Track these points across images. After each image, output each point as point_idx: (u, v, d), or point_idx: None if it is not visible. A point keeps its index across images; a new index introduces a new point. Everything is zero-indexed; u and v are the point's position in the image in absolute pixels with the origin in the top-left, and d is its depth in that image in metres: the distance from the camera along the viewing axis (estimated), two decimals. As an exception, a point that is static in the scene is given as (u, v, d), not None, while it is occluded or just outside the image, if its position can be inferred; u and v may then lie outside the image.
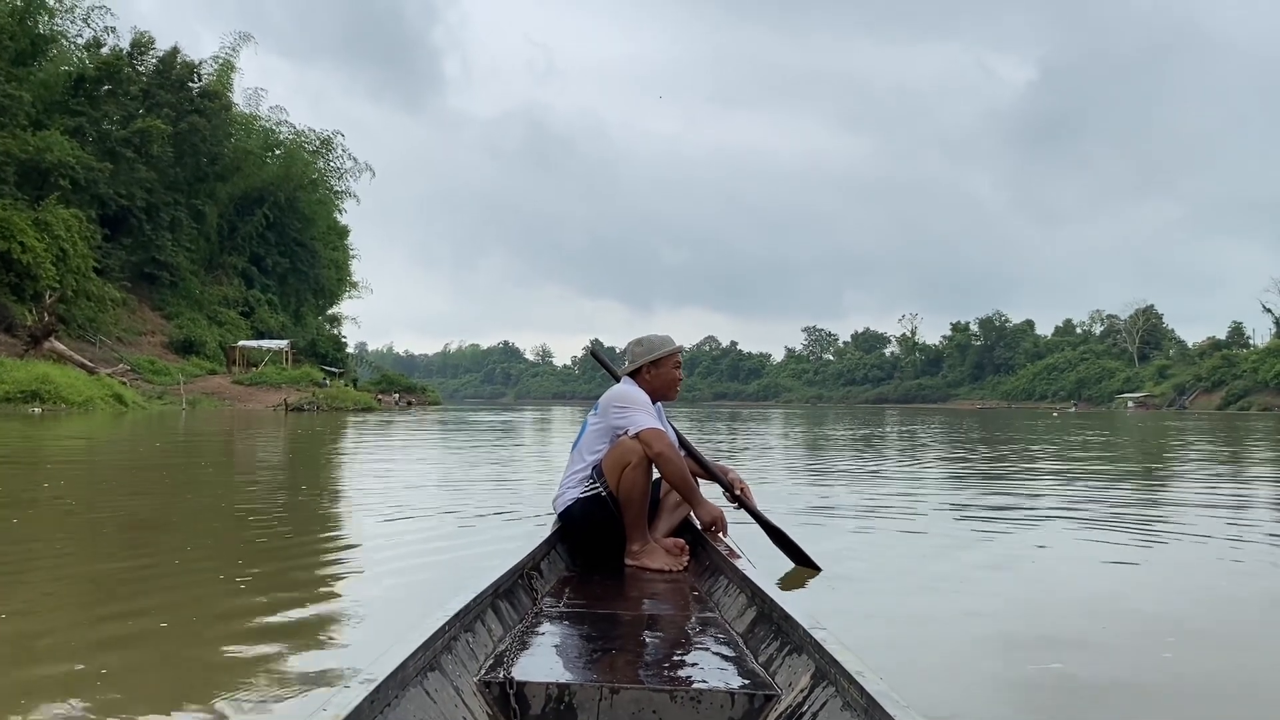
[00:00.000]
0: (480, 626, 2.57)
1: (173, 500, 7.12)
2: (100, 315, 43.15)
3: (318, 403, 37.56)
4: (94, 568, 4.36)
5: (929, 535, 5.58)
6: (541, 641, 2.69)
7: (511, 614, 2.87)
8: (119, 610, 3.45)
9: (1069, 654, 3.02)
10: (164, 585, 3.90)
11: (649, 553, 3.84)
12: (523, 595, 3.09)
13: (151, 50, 52.50)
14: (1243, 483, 9.67)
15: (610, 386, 4.25)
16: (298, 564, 4.40)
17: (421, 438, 17.97)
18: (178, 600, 3.63)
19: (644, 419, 3.92)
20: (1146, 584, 4.27)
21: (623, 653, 2.66)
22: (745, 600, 2.98)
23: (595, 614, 3.13)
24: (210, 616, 3.41)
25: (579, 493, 3.95)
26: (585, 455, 4.04)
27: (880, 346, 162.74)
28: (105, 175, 44.31)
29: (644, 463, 3.84)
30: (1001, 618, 3.55)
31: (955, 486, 8.70)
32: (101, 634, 3.10)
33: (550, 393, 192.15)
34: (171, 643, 3.03)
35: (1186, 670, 2.94)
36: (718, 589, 3.34)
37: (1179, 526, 5.89)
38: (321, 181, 62.40)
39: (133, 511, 6.41)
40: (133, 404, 31.79)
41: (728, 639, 2.73)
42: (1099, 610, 3.70)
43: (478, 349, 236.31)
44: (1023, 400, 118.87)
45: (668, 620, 3.10)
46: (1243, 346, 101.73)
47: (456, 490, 7.86)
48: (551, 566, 3.66)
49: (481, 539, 5.12)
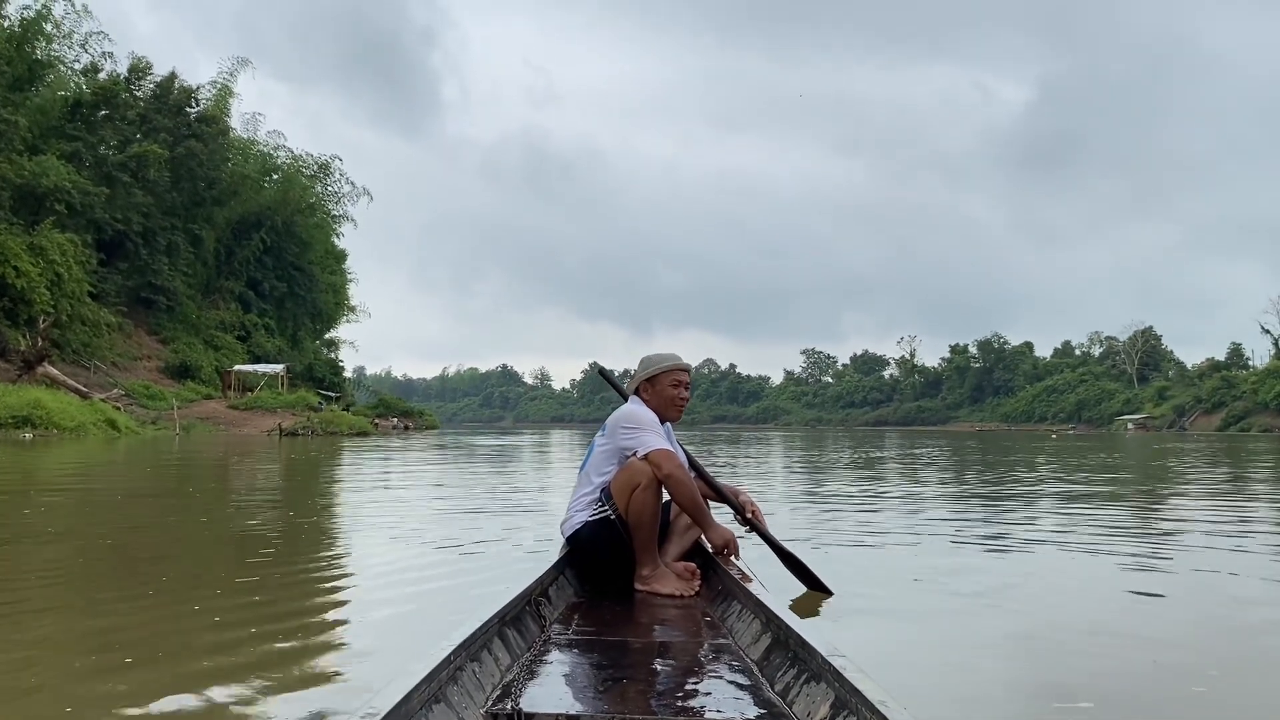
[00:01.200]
0: (487, 656, 2.50)
1: (160, 527, 6.90)
2: (95, 340, 42.91)
3: (312, 427, 37.29)
4: (74, 598, 4.17)
5: (940, 557, 5.45)
6: (550, 670, 2.63)
7: (519, 642, 2.80)
8: (100, 643, 3.27)
9: (1097, 686, 2.87)
10: (149, 618, 3.71)
11: (659, 577, 3.75)
12: (530, 623, 3.02)
13: (149, 75, 52.55)
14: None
15: (618, 407, 4.16)
16: (288, 595, 4.23)
17: (414, 463, 17.71)
18: (164, 632, 3.47)
19: (653, 440, 3.82)
20: (1165, 614, 4.04)
21: (634, 682, 2.59)
22: (760, 626, 2.90)
23: (605, 641, 3.05)
24: (199, 650, 3.26)
25: (587, 516, 3.84)
26: (593, 477, 3.95)
27: (879, 369, 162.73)
28: (102, 200, 44.16)
29: (654, 484, 3.73)
30: (1024, 645, 3.43)
31: (964, 509, 8.50)
32: (81, 669, 2.94)
33: (549, 416, 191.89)
34: (160, 677, 2.87)
35: (1221, 707, 2.75)
36: (731, 614, 3.26)
37: (1194, 553, 5.67)
38: (319, 206, 62.32)
39: (117, 539, 6.20)
40: (126, 429, 31.52)
41: (742, 667, 2.66)
42: (1124, 639, 3.53)
43: (476, 372, 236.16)
44: (1022, 422, 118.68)
45: (680, 647, 3.02)
46: (1242, 368, 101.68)
47: (453, 517, 7.62)
48: (560, 592, 3.60)
49: (479, 566, 4.97)
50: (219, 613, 3.78)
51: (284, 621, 3.63)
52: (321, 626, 3.64)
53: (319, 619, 3.79)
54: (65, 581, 4.65)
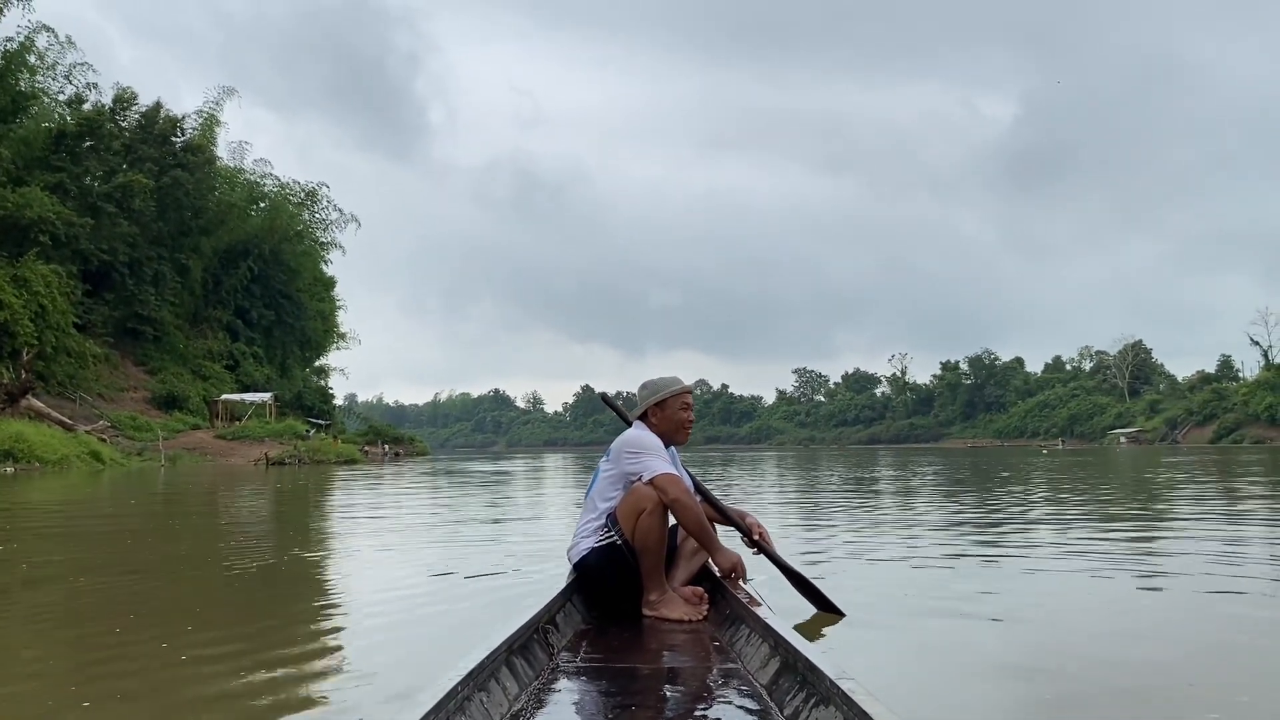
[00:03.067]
0: (495, 685, 2.48)
1: (138, 562, 6.62)
2: (81, 372, 42.53)
3: (299, 456, 36.91)
4: (60, 634, 4.04)
5: (949, 579, 5.35)
6: (559, 699, 2.61)
7: (527, 671, 2.78)
8: (88, 677, 3.15)
9: (1108, 712, 2.83)
10: (137, 652, 3.57)
11: (667, 602, 3.73)
12: (539, 651, 3.00)
13: (134, 106, 52.45)
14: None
15: (621, 432, 4.14)
16: (272, 630, 4.08)
17: (403, 491, 17.41)
18: (151, 667, 3.36)
19: (657, 464, 3.82)
20: (1180, 637, 3.82)
21: (643, 709, 2.58)
22: (768, 650, 2.88)
23: (614, 668, 3.05)
24: (190, 681, 3.17)
25: (594, 542, 3.83)
26: (598, 503, 3.92)
27: (871, 387, 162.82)
28: (87, 231, 43.93)
29: (659, 509, 3.73)
30: (1033, 668, 3.35)
31: (968, 529, 8.31)
32: (71, 700, 2.85)
33: (542, 440, 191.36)
34: (152, 710, 2.81)
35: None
36: (739, 639, 3.23)
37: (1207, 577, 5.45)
38: (307, 233, 62.18)
39: (95, 575, 5.94)
40: (110, 461, 31.10)
41: (751, 692, 2.65)
42: (1136, 664, 3.40)
43: (468, 398, 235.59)
44: (1015, 438, 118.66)
45: (688, 673, 3.02)
46: (1232, 379, 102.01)
47: (443, 547, 7.34)
48: (568, 619, 3.57)
49: (471, 601, 4.77)
50: (206, 646, 3.68)
51: (273, 651, 3.56)
52: (312, 664, 3.51)
53: (309, 658, 3.64)
54: (34, 617, 4.51)
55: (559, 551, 4.94)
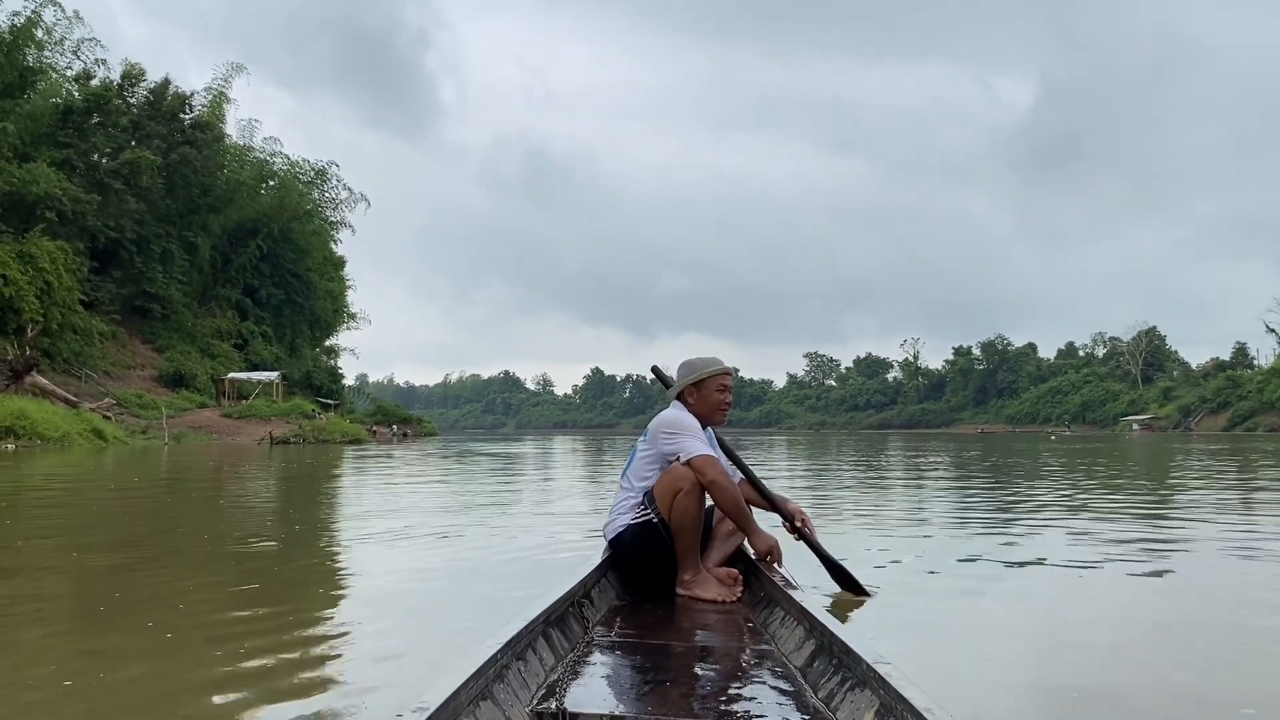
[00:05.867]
0: (532, 655, 2.54)
1: (140, 540, 6.37)
2: (87, 349, 42.40)
3: (304, 435, 36.69)
4: (20, 624, 3.83)
5: (983, 565, 5.28)
6: (593, 671, 2.67)
7: (563, 643, 2.83)
8: (92, 663, 3.07)
9: (1144, 696, 2.84)
10: (136, 634, 3.52)
11: (701, 582, 3.76)
12: (574, 624, 3.05)
13: (142, 82, 52.11)
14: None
15: (658, 412, 4.17)
16: (277, 611, 4.00)
17: (406, 473, 17.11)
18: (157, 647, 3.33)
19: (695, 445, 3.83)
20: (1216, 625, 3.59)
21: (676, 685, 2.59)
22: (803, 633, 2.89)
23: (647, 644, 3.08)
24: (200, 662, 3.13)
25: (630, 519, 3.88)
26: (635, 482, 3.96)
27: (883, 372, 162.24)
28: (94, 207, 43.72)
29: (696, 489, 3.75)
30: (1068, 652, 3.34)
31: (1001, 515, 8.09)
32: (74, 687, 2.78)
33: (551, 422, 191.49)
34: (161, 690, 2.79)
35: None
36: (774, 621, 3.25)
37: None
38: (316, 212, 61.89)
39: (85, 553, 5.77)
40: (113, 439, 30.94)
41: (785, 673, 2.67)
42: (1167, 651, 3.42)
43: (478, 379, 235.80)
44: (1027, 424, 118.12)
45: (722, 652, 3.01)
46: (1247, 367, 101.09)
47: (447, 539, 7.01)
48: (602, 595, 3.62)
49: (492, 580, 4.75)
50: (210, 628, 3.64)
51: (276, 635, 3.53)
52: (316, 643, 3.46)
53: (310, 634, 3.61)
54: (44, 600, 4.40)
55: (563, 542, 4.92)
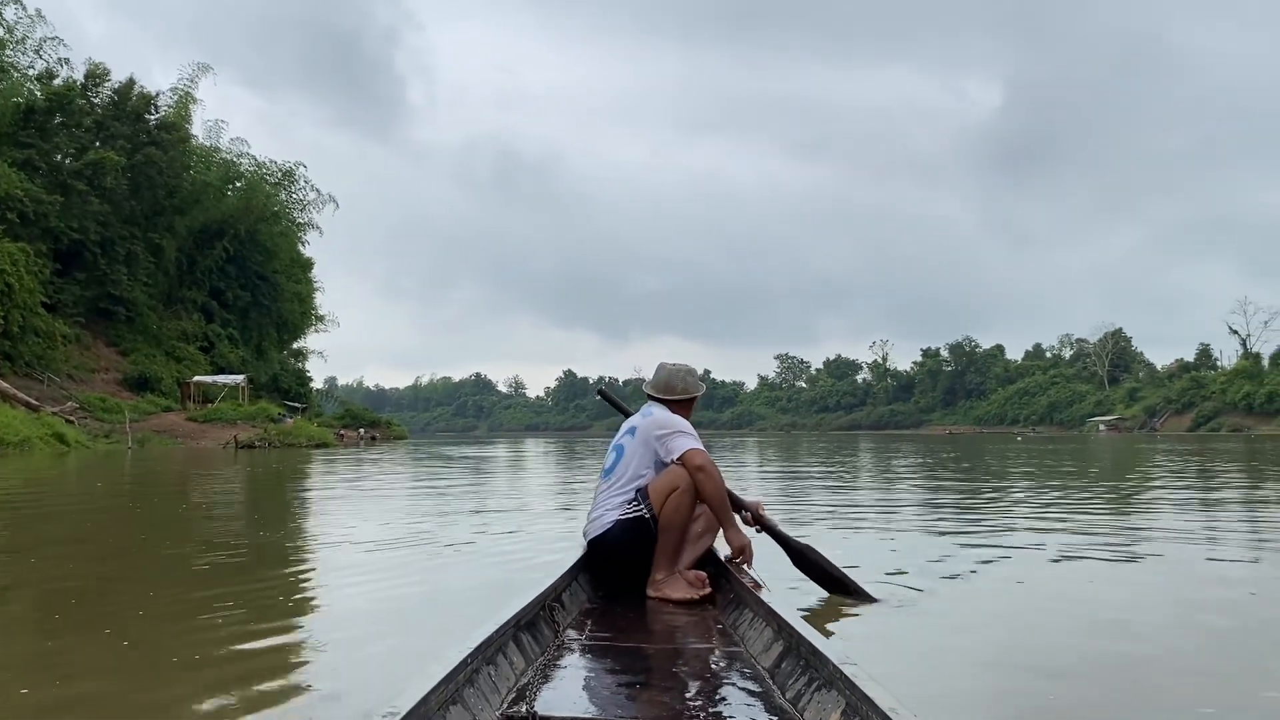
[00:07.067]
0: (502, 659, 2.54)
1: (101, 547, 6.17)
2: (49, 352, 41.69)
3: (270, 439, 36.30)
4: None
5: (952, 564, 5.33)
6: (564, 675, 2.68)
7: (534, 646, 2.84)
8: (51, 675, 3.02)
9: (1115, 699, 2.84)
10: (92, 641, 3.47)
11: (671, 583, 3.83)
12: (544, 627, 3.06)
13: (106, 82, 51.42)
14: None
15: (637, 413, 4.23)
16: (232, 623, 3.88)
17: (374, 479, 16.95)
18: (118, 656, 3.27)
19: (689, 441, 3.97)
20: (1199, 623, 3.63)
21: (647, 687, 2.63)
22: (771, 634, 2.92)
23: (618, 647, 3.12)
24: (163, 672, 3.07)
25: (619, 515, 3.92)
26: (624, 478, 4.01)
27: (852, 373, 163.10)
28: (56, 209, 43.02)
29: (691, 489, 3.87)
30: (1034, 652, 3.43)
31: (967, 516, 8.19)
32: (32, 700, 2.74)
33: (523, 424, 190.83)
34: (124, 703, 2.73)
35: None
36: (743, 622, 3.28)
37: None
38: (284, 214, 61.27)
39: (47, 557, 5.56)
40: (75, 444, 30.45)
41: (754, 674, 2.70)
42: (1140, 654, 3.40)
43: (449, 381, 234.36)
44: (995, 425, 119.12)
45: (692, 654, 3.06)
46: (1211, 368, 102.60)
47: (415, 546, 6.92)
48: (573, 598, 3.64)
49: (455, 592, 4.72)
50: (172, 636, 3.60)
51: (243, 644, 3.49)
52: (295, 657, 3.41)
53: (291, 650, 3.54)
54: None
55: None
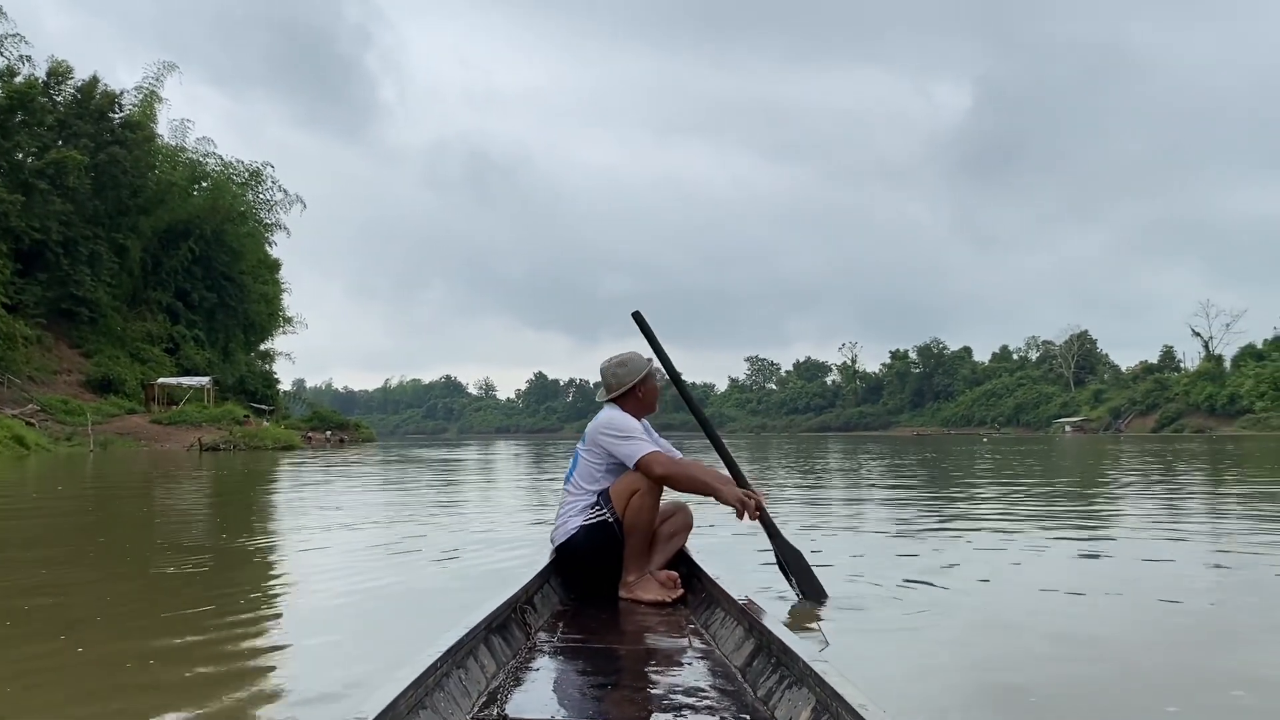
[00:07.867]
0: (473, 663, 2.52)
1: (60, 551, 6.05)
2: (9, 353, 40.96)
3: (235, 442, 35.92)
4: None
5: (923, 560, 5.42)
6: (536, 677, 2.67)
7: (505, 649, 2.83)
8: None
9: (1086, 696, 2.83)
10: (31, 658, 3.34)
11: (642, 584, 3.84)
12: (516, 630, 3.05)
13: (69, 80, 50.71)
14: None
15: (594, 416, 4.17)
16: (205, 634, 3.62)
17: (336, 480, 16.83)
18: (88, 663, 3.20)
19: (641, 446, 3.90)
20: (1165, 620, 3.68)
21: (619, 688, 2.62)
22: (743, 633, 2.93)
23: (590, 648, 3.12)
24: (129, 686, 2.95)
25: (583, 520, 3.90)
26: (585, 485, 3.98)
27: (822, 375, 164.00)
28: (17, 208, 42.33)
29: (654, 490, 3.86)
30: (1005, 650, 3.45)
31: (935, 514, 8.24)
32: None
33: (494, 427, 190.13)
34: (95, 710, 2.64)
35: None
36: (714, 621, 3.29)
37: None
38: (250, 214, 60.63)
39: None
40: (35, 446, 29.95)
41: (725, 673, 2.71)
42: (1115, 648, 3.46)
43: (419, 383, 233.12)
44: (963, 426, 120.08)
45: (664, 654, 3.05)
46: (1174, 370, 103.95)
47: (383, 547, 6.86)
48: (545, 600, 3.62)
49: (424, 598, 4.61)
50: (131, 642, 3.52)
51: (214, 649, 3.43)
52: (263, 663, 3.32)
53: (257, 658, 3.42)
54: None
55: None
